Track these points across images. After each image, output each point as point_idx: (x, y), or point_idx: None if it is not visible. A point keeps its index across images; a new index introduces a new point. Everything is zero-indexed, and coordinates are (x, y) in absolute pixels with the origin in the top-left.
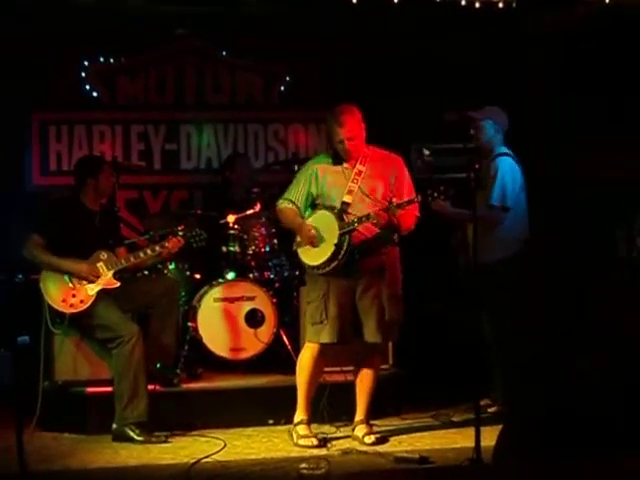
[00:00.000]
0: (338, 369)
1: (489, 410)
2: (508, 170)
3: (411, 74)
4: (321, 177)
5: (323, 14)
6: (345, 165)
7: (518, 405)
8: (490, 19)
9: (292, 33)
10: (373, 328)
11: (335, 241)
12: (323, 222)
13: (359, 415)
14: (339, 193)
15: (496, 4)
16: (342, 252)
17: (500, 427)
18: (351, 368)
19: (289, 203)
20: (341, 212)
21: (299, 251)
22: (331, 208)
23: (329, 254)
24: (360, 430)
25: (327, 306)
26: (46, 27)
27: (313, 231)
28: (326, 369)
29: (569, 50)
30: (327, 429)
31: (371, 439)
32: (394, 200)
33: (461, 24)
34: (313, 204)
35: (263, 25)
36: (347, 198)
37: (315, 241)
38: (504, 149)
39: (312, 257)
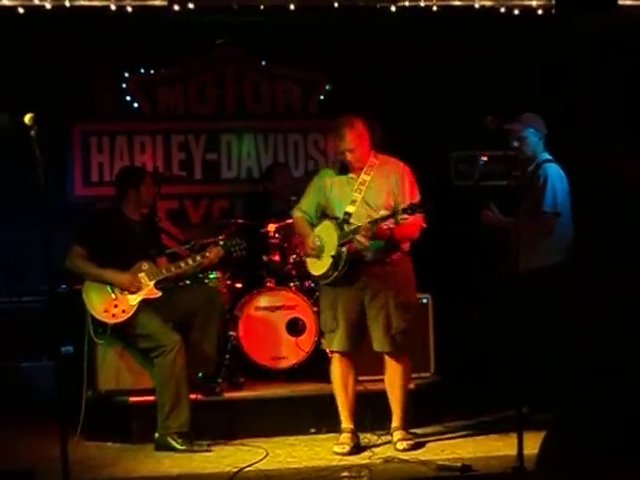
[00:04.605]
0: (378, 378)
1: (532, 417)
2: (557, 176)
3: (450, 81)
4: (328, 188)
5: (361, 22)
6: (350, 175)
7: (563, 413)
8: (529, 25)
9: (331, 42)
10: (380, 337)
11: (333, 252)
12: (326, 232)
13: (394, 422)
14: (343, 203)
15: (535, 10)
16: (341, 262)
17: (543, 434)
18: None
19: (301, 212)
20: (342, 222)
21: (307, 261)
22: (334, 218)
23: (328, 265)
24: (395, 436)
25: (336, 315)
26: (87, 39)
27: (316, 242)
28: (367, 378)
29: (608, 54)
30: (369, 437)
31: (403, 445)
32: (399, 207)
33: (500, 30)
34: (324, 214)
35: (302, 34)
36: (350, 208)
37: (315, 252)
38: (547, 155)
39: (316, 267)
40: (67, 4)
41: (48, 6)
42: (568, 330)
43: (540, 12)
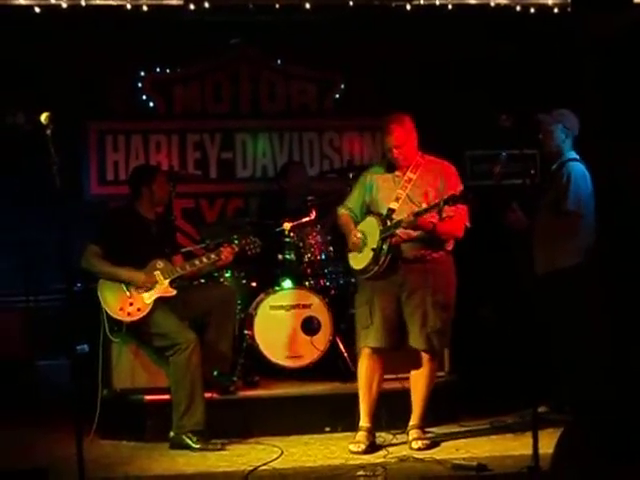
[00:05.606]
0: (394, 376)
1: (547, 417)
2: (580, 175)
3: (464, 80)
4: (373, 185)
5: (376, 20)
6: (396, 173)
7: (580, 413)
8: (544, 23)
9: (346, 41)
10: (416, 334)
11: (374, 246)
12: (369, 228)
13: (412, 420)
14: (387, 200)
15: (551, 9)
16: (381, 257)
17: (558, 434)
18: (408, 376)
19: (346, 209)
20: (385, 218)
21: (349, 256)
22: (377, 214)
23: (369, 259)
24: (411, 435)
25: (372, 311)
26: (102, 38)
27: (358, 237)
28: (384, 377)
29: (623, 53)
30: (385, 436)
31: (418, 444)
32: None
33: (516, 29)
34: (368, 211)
35: (317, 33)
36: (393, 205)
37: (357, 247)
38: (573, 154)
39: (357, 262)
40: (83, 3)
41: (64, 5)
42: (586, 332)
43: (556, 10)
